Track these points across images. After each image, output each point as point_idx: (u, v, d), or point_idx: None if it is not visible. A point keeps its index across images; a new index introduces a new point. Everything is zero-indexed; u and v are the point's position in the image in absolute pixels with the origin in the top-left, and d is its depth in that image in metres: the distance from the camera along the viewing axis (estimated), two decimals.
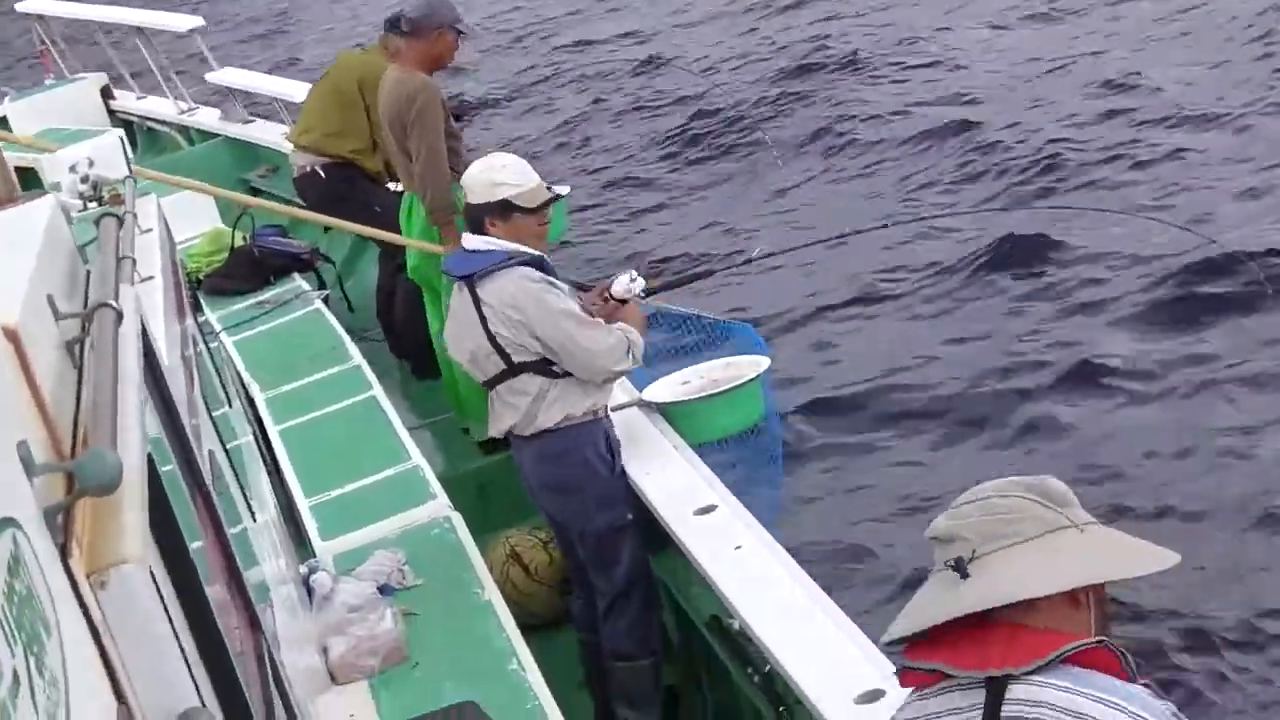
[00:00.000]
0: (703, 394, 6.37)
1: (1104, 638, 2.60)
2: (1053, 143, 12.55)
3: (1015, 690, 2.54)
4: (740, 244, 11.69)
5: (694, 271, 7.03)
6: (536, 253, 5.82)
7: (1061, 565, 2.61)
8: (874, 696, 4.27)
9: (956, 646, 2.62)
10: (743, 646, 5.19)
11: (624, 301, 6.08)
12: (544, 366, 5.73)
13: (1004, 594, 2.59)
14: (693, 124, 15.52)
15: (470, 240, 5.87)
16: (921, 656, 2.67)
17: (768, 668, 4.90)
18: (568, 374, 5.74)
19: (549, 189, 5.89)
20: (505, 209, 5.78)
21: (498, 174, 5.84)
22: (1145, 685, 2.57)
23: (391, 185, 8.70)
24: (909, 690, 2.75)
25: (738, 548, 5.27)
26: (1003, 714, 2.53)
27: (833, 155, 13.74)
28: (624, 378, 6.23)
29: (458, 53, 7.91)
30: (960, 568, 2.63)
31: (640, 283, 6.20)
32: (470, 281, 5.79)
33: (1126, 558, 2.69)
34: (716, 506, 5.56)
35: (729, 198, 13.54)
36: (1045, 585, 2.59)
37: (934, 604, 2.66)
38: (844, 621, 4.71)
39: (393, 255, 8.73)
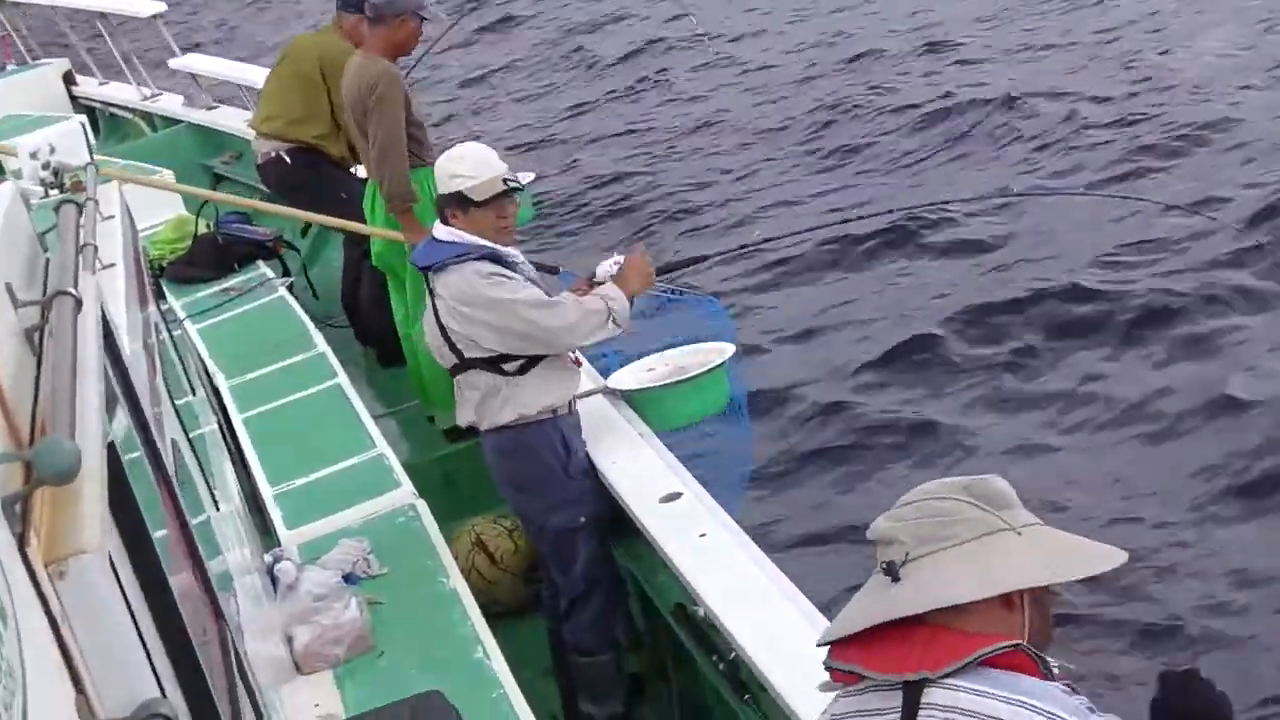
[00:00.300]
0: (669, 381, 6.36)
1: (1019, 640, 2.57)
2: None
3: (932, 694, 2.53)
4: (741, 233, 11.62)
5: (688, 257, 6.95)
6: (493, 246, 5.77)
7: (993, 569, 2.58)
8: None
9: (875, 648, 2.61)
10: (708, 634, 5.19)
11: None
12: (493, 364, 5.71)
13: (931, 599, 2.57)
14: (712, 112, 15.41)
15: (438, 230, 5.86)
16: (842, 657, 2.66)
17: (733, 655, 4.90)
18: (523, 370, 5.71)
19: (505, 181, 5.81)
20: (461, 201, 5.77)
21: (454, 165, 5.82)
22: (1066, 685, 2.56)
23: (357, 170, 8.66)
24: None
25: (702, 535, 5.27)
26: (918, 719, 2.52)
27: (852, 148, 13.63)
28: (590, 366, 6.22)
29: (421, 37, 7.87)
30: (892, 571, 2.61)
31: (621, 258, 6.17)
32: (427, 273, 5.80)
33: (1062, 561, 2.65)
34: (681, 494, 5.55)
35: (740, 187, 13.41)
36: (973, 590, 2.56)
37: (864, 608, 2.65)
38: (809, 609, 4.71)
39: (357, 242, 8.70)
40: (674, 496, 5.56)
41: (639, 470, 5.81)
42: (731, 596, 4.90)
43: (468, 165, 5.80)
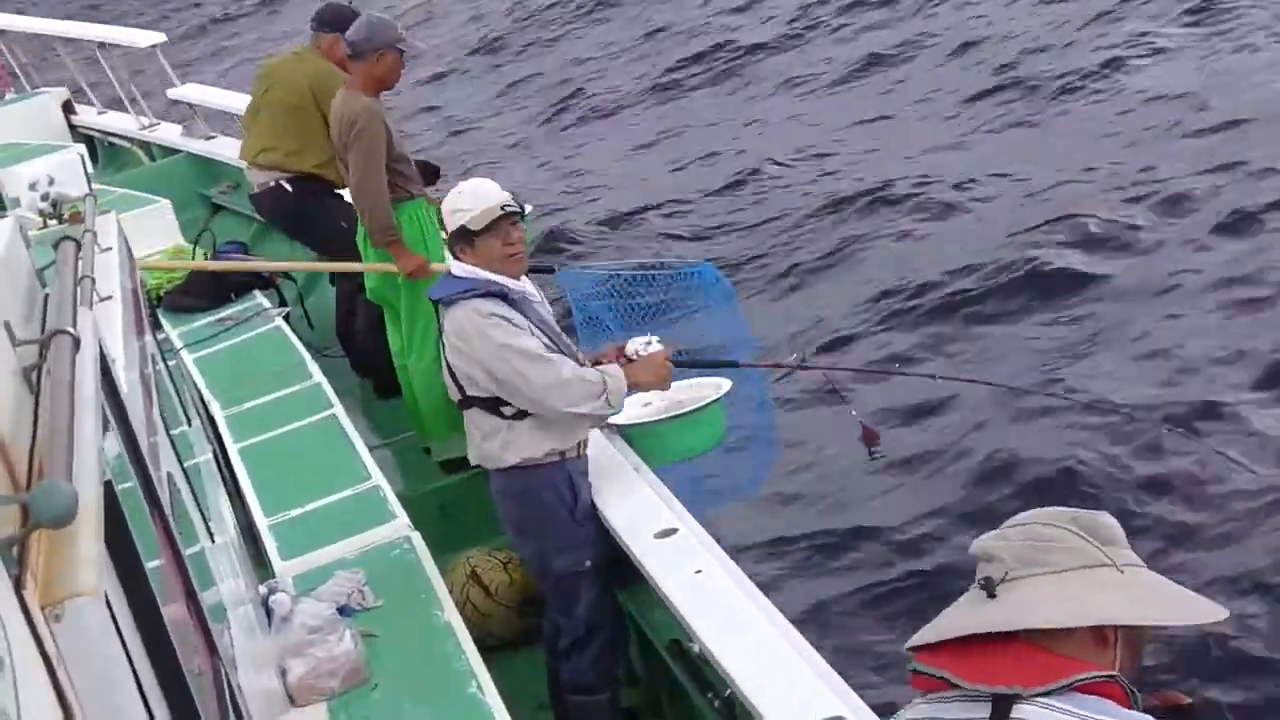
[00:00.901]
0: (664, 415, 6.36)
1: (1115, 673, 2.57)
2: None
3: (1022, 710, 2.52)
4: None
5: (721, 359, 6.88)
6: (501, 282, 5.75)
7: (1089, 601, 2.59)
8: None
9: (966, 657, 2.62)
10: (703, 670, 5.18)
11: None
12: (493, 405, 5.71)
13: (1022, 619, 2.58)
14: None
15: (454, 266, 5.88)
16: (930, 661, 2.67)
17: (728, 692, 4.89)
18: (520, 415, 5.70)
19: (503, 208, 5.77)
20: (464, 235, 5.78)
21: (455, 201, 5.83)
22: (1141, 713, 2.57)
23: None
24: (917, 692, 2.74)
25: (698, 571, 5.25)
26: None
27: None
28: None
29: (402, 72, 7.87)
30: (989, 587, 2.63)
31: (657, 347, 6.15)
32: (437, 307, 5.83)
33: (1157, 605, 2.65)
34: (677, 530, 5.55)
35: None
36: (1064, 617, 2.57)
37: (957, 619, 2.66)
38: (804, 647, 4.70)
39: (349, 275, 8.72)
40: (669, 532, 5.55)
41: (634, 506, 5.80)
42: (726, 633, 4.88)
43: (465, 199, 5.81)
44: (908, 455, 8.75)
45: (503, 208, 5.77)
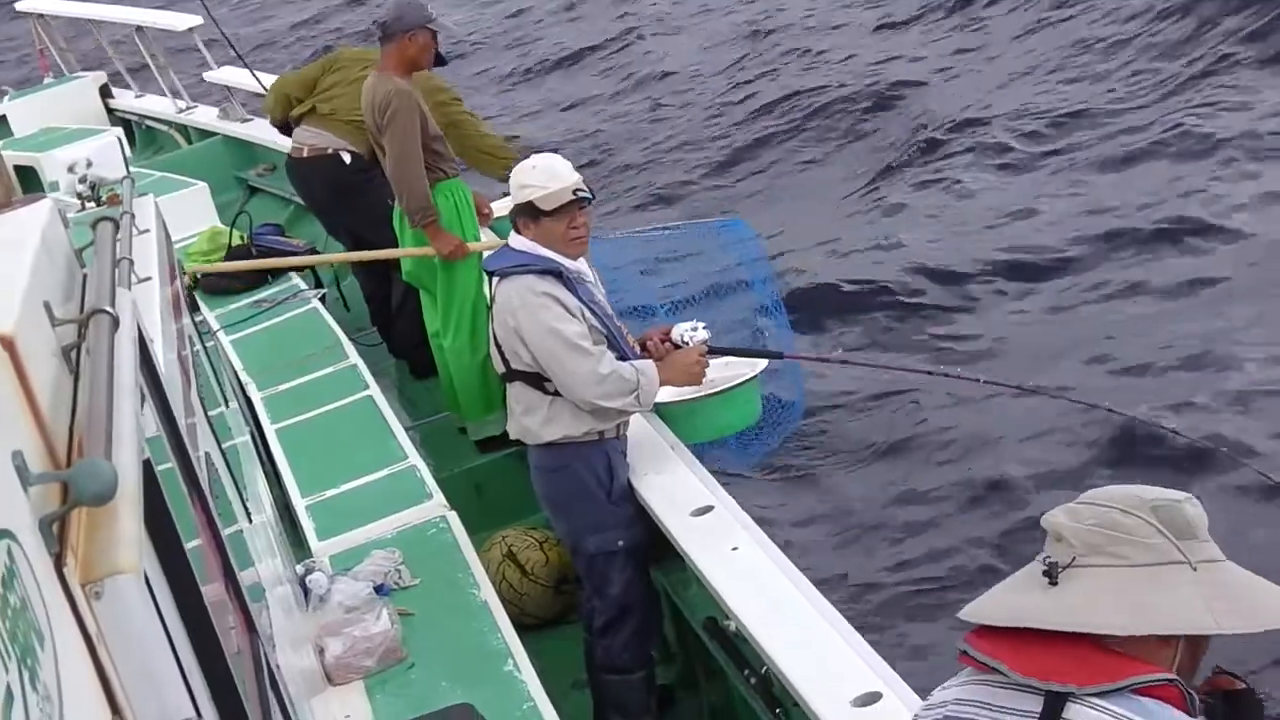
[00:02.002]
0: (700, 394, 6.36)
1: (1174, 676, 2.47)
2: None
3: (1077, 712, 2.43)
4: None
5: (761, 349, 6.83)
6: (558, 261, 5.74)
7: (1153, 605, 2.47)
8: (871, 699, 4.28)
9: (1022, 648, 2.52)
10: (739, 648, 5.18)
11: (677, 347, 6.06)
12: (536, 380, 5.72)
13: (1080, 622, 2.46)
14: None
15: (512, 239, 5.88)
16: (985, 649, 2.56)
17: (764, 669, 4.90)
18: (559, 393, 5.71)
19: (575, 192, 5.75)
20: (531, 211, 5.77)
21: (525, 175, 5.81)
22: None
23: None
24: (963, 669, 2.67)
25: (734, 549, 5.26)
26: None
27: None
28: None
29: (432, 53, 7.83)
30: (1052, 574, 2.51)
31: (703, 334, 6.11)
32: (491, 278, 5.87)
33: (1228, 611, 2.49)
34: (713, 507, 5.55)
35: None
36: (1125, 624, 2.46)
37: (1014, 604, 2.55)
38: (840, 623, 4.70)
39: (372, 262, 8.71)
40: (706, 510, 5.55)
41: (670, 483, 5.81)
42: (763, 610, 4.89)
43: (538, 175, 5.79)
44: (947, 440, 8.72)
45: (574, 191, 5.76)
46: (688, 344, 6.05)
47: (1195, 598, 2.47)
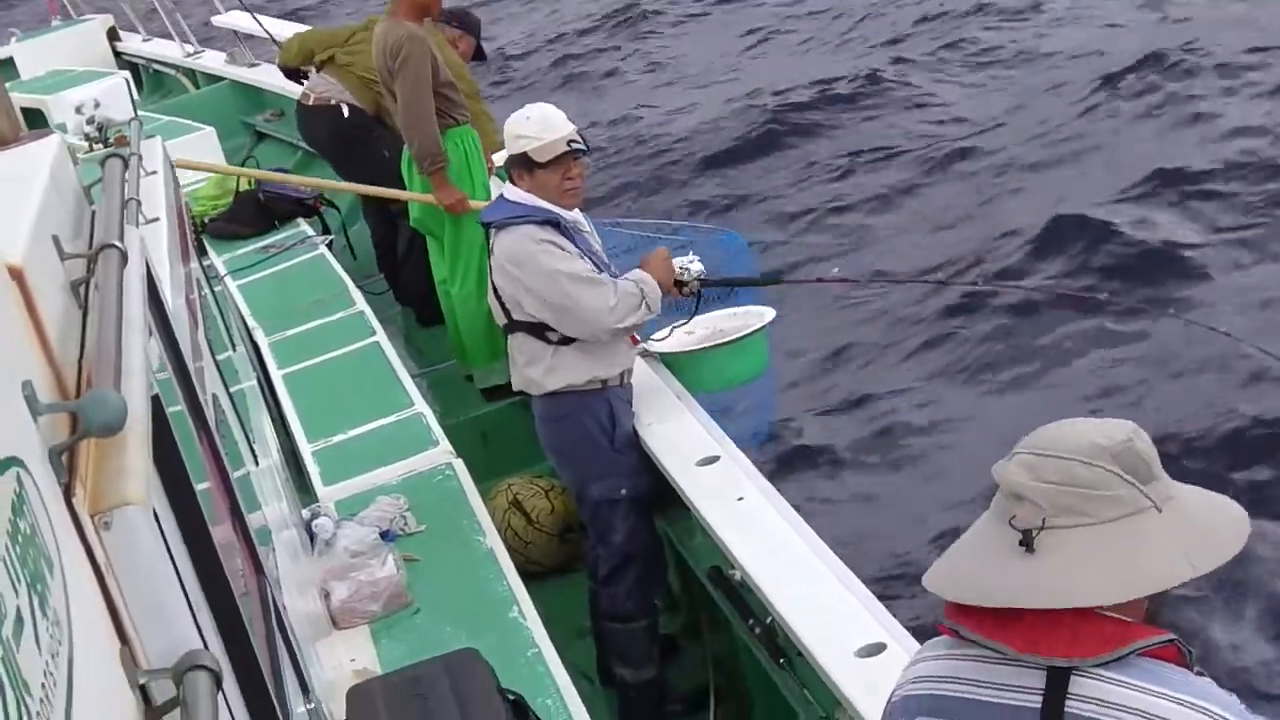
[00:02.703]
0: (708, 344, 6.35)
1: (1174, 636, 2.43)
2: None
3: (1082, 685, 2.39)
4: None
5: (757, 278, 6.80)
6: (555, 211, 5.74)
7: (1140, 565, 2.41)
8: (875, 650, 4.28)
9: (1012, 626, 2.45)
10: (743, 597, 5.19)
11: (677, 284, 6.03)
12: (538, 330, 5.71)
13: (1072, 595, 2.40)
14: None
15: (507, 190, 5.86)
16: (976, 628, 2.50)
17: (769, 619, 4.91)
18: (564, 342, 5.70)
19: (569, 143, 5.73)
20: (526, 162, 5.75)
21: (520, 126, 5.78)
22: (1202, 676, 2.44)
23: None
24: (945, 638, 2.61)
25: (740, 499, 5.26)
26: (1070, 710, 2.38)
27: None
28: None
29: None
30: (1027, 542, 2.42)
31: (699, 266, 6.11)
32: (488, 230, 5.82)
33: (1201, 551, 2.46)
34: (719, 457, 5.55)
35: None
36: (1120, 589, 2.40)
37: (994, 580, 2.46)
38: (845, 574, 4.70)
39: (382, 210, 8.69)
40: (712, 460, 5.55)
41: (676, 433, 5.81)
42: (768, 560, 4.89)
43: (533, 126, 5.77)
44: (943, 368, 8.74)
45: (569, 143, 5.73)
46: (689, 273, 6.04)
47: (1170, 546, 2.43)
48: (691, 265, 6.08)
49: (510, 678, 4.20)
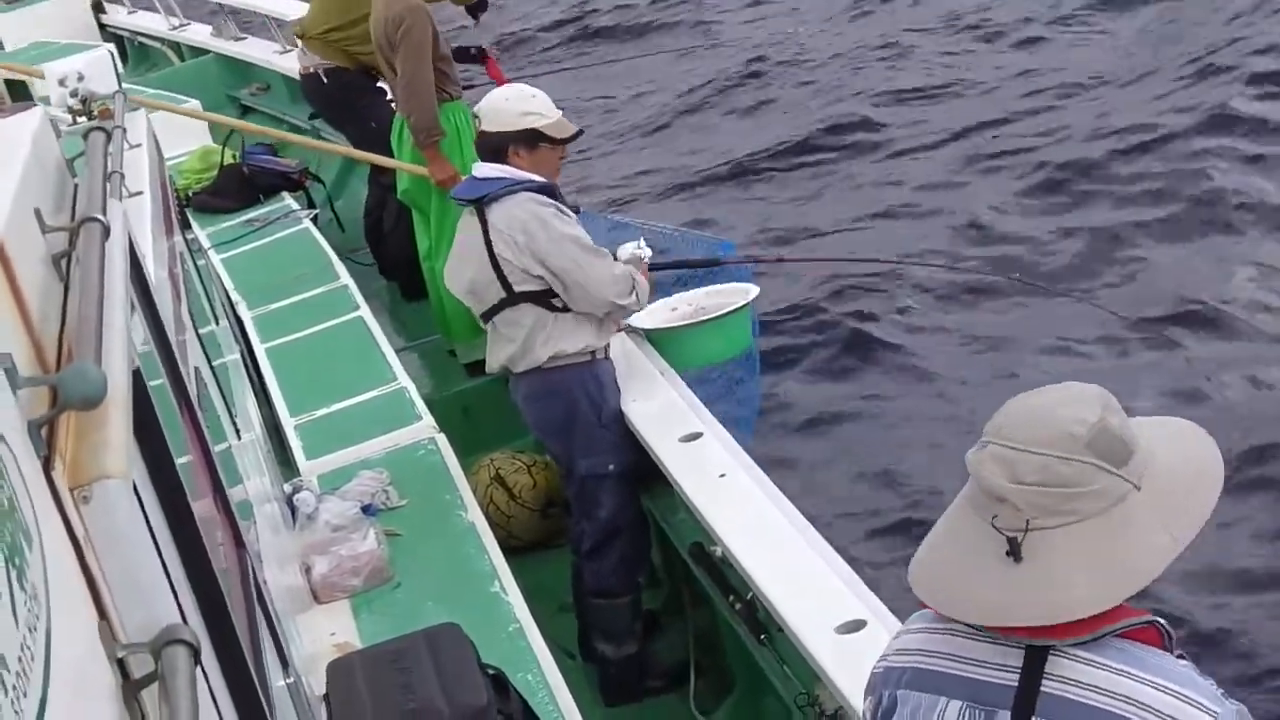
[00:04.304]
0: (691, 320, 6.36)
1: (1154, 617, 2.42)
2: None
3: (1058, 665, 2.39)
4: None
5: (703, 259, 6.83)
6: (549, 182, 5.79)
7: (1128, 560, 2.38)
8: (855, 626, 4.29)
9: None
10: (725, 574, 5.20)
11: None
12: (544, 298, 5.70)
13: (1070, 608, 2.37)
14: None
15: (481, 168, 5.84)
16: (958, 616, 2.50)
17: (750, 595, 4.92)
18: (566, 310, 5.71)
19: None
20: (533, 138, 5.76)
21: (528, 103, 5.81)
22: (1183, 659, 2.43)
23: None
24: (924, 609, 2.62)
25: (722, 475, 5.27)
26: (1045, 689, 2.39)
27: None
28: None
29: None
30: (1015, 550, 2.37)
31: (647, 251, 6.17)
32: (480, 205, 5.76)
33: (1182, 517, 2.43)
34: (701, 434, 5.56)
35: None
36: (1113, 594, 2.39)
37: (981, 591, 2.43)
38: (826, 550, 4.72)
39: (380, 178, 8.67)
40: (694, 436, 5.56)
41: (659, 409, 5.82)
42: (749, 536, 4.91)
43: (540, 104, 5.83)
44: (913, 348, 8.78)
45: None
46: (638, 259, 6.10)
47: (1155, 528, 2.40)
48: (640, 249, 6.12)
49: (491, 652, 4.21)
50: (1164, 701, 2.33)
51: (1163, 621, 2.44)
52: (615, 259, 5.92)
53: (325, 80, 8.76)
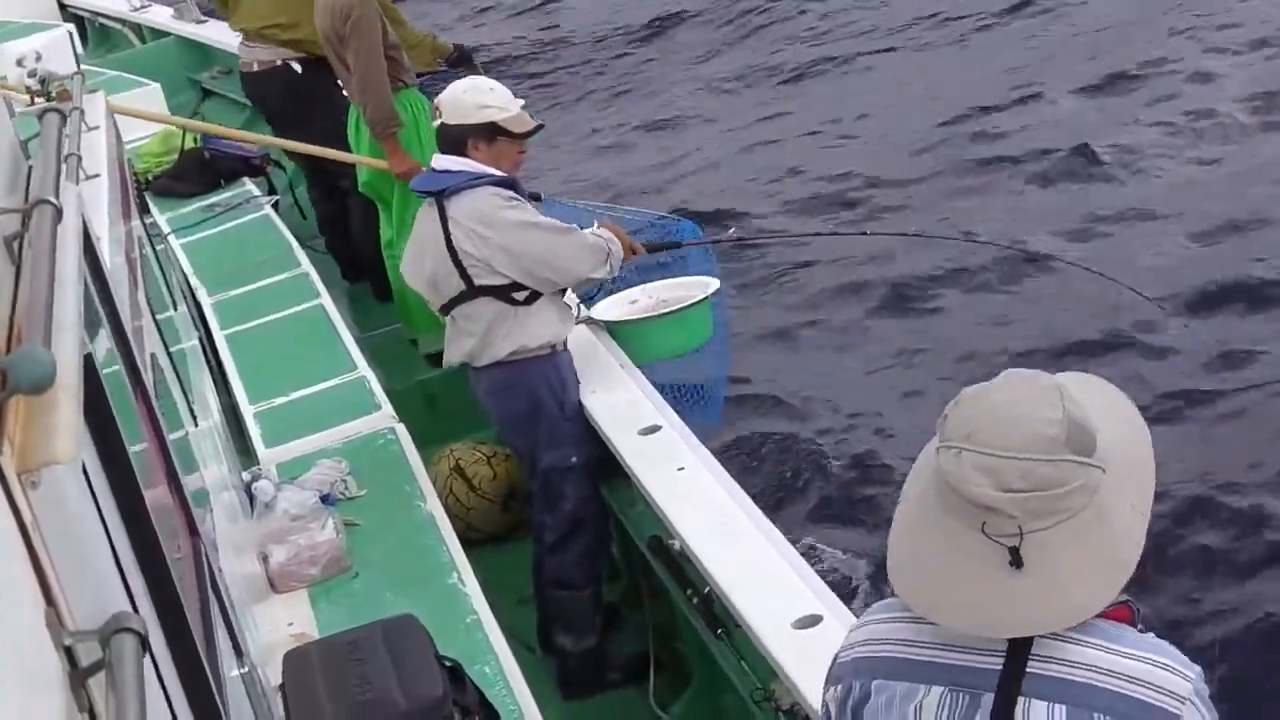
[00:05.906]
0: (652, 313, 6.35)
1: (1128, 598, 2.44)
2: None
3: (1045, 645, 2.39)
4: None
5: (669, 241, 6.84)
6: (509, 175, 5.76)
7: (1117, 550, 2.39)
8: (812, 621, 4.29)
9: None
10: (682, 568, 5.20)
11: None
12: (504, 293, 5.67)
13: (1075, 608, 2.39)
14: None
15: (440, 160, 5.80)
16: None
17: (706, 589, 4.92)
18: (527, 304, 5.69)
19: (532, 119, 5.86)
20: (491, 132, 5.73)
21: (485, 96, 5.77)
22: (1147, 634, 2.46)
23: None
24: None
25: (680, 469, 5.27)
26: (1034, 670, 2.39)
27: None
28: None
29: None
30: (1017, 561, 2.36)
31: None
32: (440, 198, 5.72)
33: (1144, 493, 2.47)
34: (660, 427, 5.55)
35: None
36: (1111, 590, 2.40)
37: (989, 602, 2.40)
38: (784, 545, 4.72)
39: (325, 179, 8.60)
40: (653, 429, 5.55)
41: (618, 402, 5.80)
42: (707, 531, 4.90)
43: (499, 98, 5.79)
44: (874, 327, 8.84)
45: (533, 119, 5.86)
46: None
47: (1127, 512, 2.42)
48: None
49: (448, 644, 4.20)
50: (1147, 671, 2.36)
51: (1133, 600, 2.47)
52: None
53: (299, 70, 8.56)
